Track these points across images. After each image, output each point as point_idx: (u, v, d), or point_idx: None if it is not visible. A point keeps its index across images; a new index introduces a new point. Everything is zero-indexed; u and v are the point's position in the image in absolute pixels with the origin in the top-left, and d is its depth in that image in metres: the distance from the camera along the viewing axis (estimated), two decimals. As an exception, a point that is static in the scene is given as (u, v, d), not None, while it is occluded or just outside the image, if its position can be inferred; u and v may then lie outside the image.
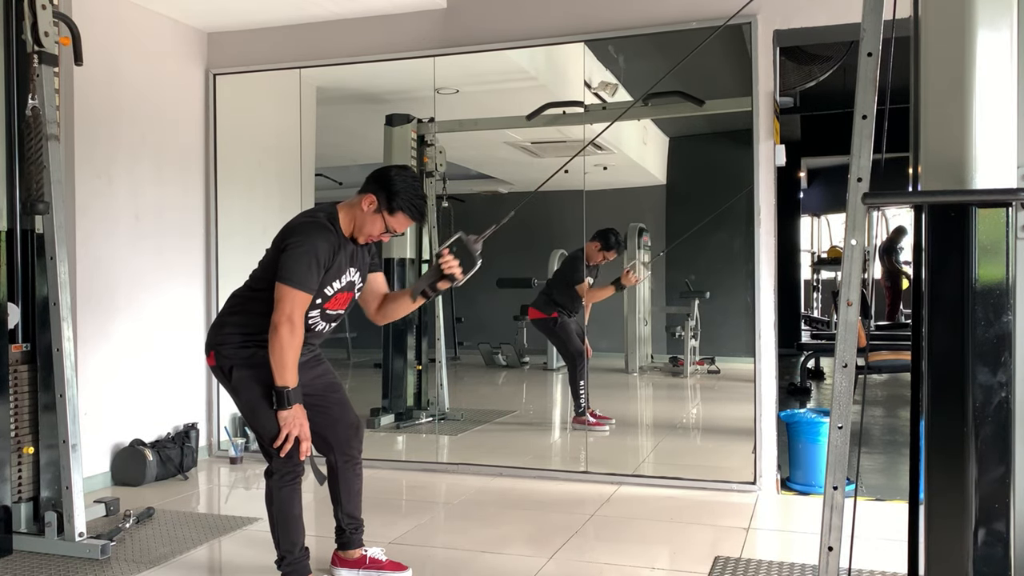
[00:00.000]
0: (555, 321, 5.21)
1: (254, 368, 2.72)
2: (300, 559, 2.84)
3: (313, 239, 2.69)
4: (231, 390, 2.80)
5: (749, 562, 3.13)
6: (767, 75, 4.04)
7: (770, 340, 4.07)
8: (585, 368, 5.07)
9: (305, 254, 2.66)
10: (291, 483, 2.79)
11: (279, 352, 2.61)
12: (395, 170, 2.77)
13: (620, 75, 4.73)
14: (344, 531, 3.06)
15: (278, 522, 2.81)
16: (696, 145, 5.59)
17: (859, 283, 1.95)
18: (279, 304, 2.63)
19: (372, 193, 2.74)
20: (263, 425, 2.74)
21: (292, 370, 2.64)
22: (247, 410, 2.78)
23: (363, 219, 2.75)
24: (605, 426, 5.07)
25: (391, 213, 2.73)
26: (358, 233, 2.78)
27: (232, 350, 2.75)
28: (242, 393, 2.76)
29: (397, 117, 5.44)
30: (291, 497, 2.80)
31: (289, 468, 2.77)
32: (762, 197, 4.06)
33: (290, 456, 2.73)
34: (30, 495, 3.38)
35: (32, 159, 3.38)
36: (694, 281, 5.50)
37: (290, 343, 2.61)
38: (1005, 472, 1.55)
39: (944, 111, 1.61)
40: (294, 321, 2.62)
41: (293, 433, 2.67)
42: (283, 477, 2.78)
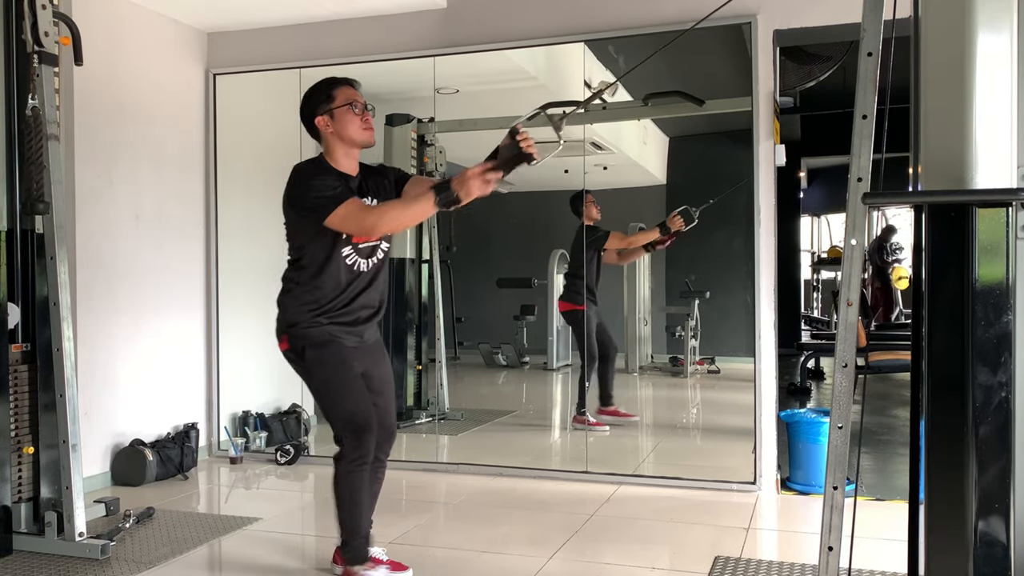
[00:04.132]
0: (582, 314, 5.12)
1: (326, 347, 2.77)
2: (362, 545, 2.85)
3: (307, 174, 2.74)
4: (303, 372, 2.84)
5: (749, 562, 3.13)
6: (767, 75, 4.04)
7: (770, 340, 4.07)
8: (612, 364, 5.06)
9: (313, 186, 2.69)
10: (360, 468, 2.78)
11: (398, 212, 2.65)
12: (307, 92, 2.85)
13: (620, 75, 4.73)
14: None
15: (345, 506, 2.81)
16: (696, 145, 5.59)
17: (859, 283, 1.95)
18: (349, 226, 2.67)
19: (313, 120, 2.80)
20: (337, 405, 2.77)
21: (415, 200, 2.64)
22: (322, 389, 2.81)
23: (339, 133, 2.78)
24: (605, 427, 5.07)
25: (334, 101, 2.77)
26: (351, 143, 2.81)
27: (303, 329, 2.79)
28: (315, 372, 2.79)
29: (397, 117, 5.44)
30: (360, 482, 2.79)
31: (359, 453, 2.77)
32: (762, 197, 4.06)
33: (359, 440, 2.76)
34: (30, 495, 3.38)
35: (32, 159, 3.38)
36: (694, 281, 5.50)
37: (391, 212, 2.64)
38: (1005, 472, 1.55)
39: (944, 111, 1.61)
40: (373, 217, 2.64)
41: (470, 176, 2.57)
42: (352, 461, 2.77)
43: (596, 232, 5.08)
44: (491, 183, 2.60)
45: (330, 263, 2.78)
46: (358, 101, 2.82)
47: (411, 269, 5.60)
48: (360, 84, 2.90)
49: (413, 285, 5.61)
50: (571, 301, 5.20)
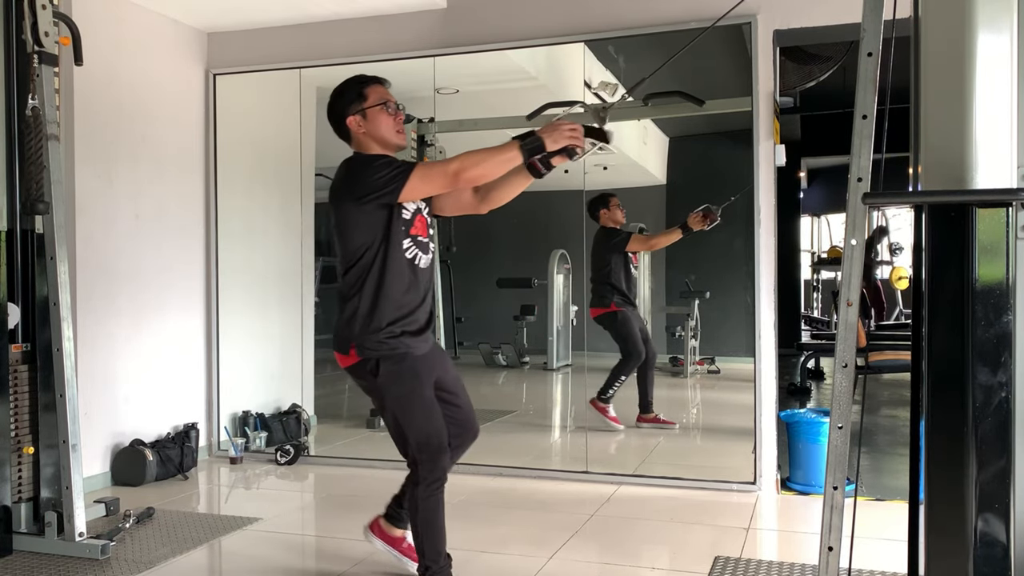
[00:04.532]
0: (615, 315, 5.04)
1: (402, 360, 2.61)
2: (444, 568, 2.72)
3: (364, 161, 2.61)
4: (374, 389, 2.66)
5: (749, 562, 3.13)
6: (767, 75, 4.04)
7: (770, 340, 4.07)
8: (650, 370, 5.02)
9: (376, 168, 2.55)
10: (437, 492, 2.66)
11: (481, 156, 2.48)
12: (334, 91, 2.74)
13: (620, 75, 4.73)
14: (402, 508, 2.91)
15: (423, 531, 2.68)
16: (696, 145, 5.59)
17: (859, 283, 1.95)
18: (434, 183, 2.53)
19: (344, 120, 2.68)
20: (415, 425, 2.62)
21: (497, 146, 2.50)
22: (397, 409, 2.63)
23: (372, 134, 2.67)
24: (620, 427, 5.02)
25: (367, 100, 2.66)
26: (384, 144, 2.68)
27: (376, 341, 2.60)
28: (391, 390, 2.62)
29: (397, 117, 5.43)
30: (437, 506, 2.67)
31: (436, 476, 2.64)
32: (762, 197, 4.06)
33: (435, 463, 2.63)
34: (30, 495, 3.38)
35: (32, 159, 3.38)
36: (694, 281, 5.50)
37: (473, 156, 2.49)
38: (1005, 472, 1.55)
39: (944, 111, 1.61)
40: (455, 164, 2.49)
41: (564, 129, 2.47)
42: (429, 486, 2.65)
43: (616, 235, 5.03)
44: (578, 140, 2.48)
45: (394, 260, 2.61)
46: (391, 100, 2.70)
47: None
48: (390, 83, 2.79)
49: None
50: (599, 305, 5.12)
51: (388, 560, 3.06)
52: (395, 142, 2.70)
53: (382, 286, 2.60)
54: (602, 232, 5.05)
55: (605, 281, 5.09)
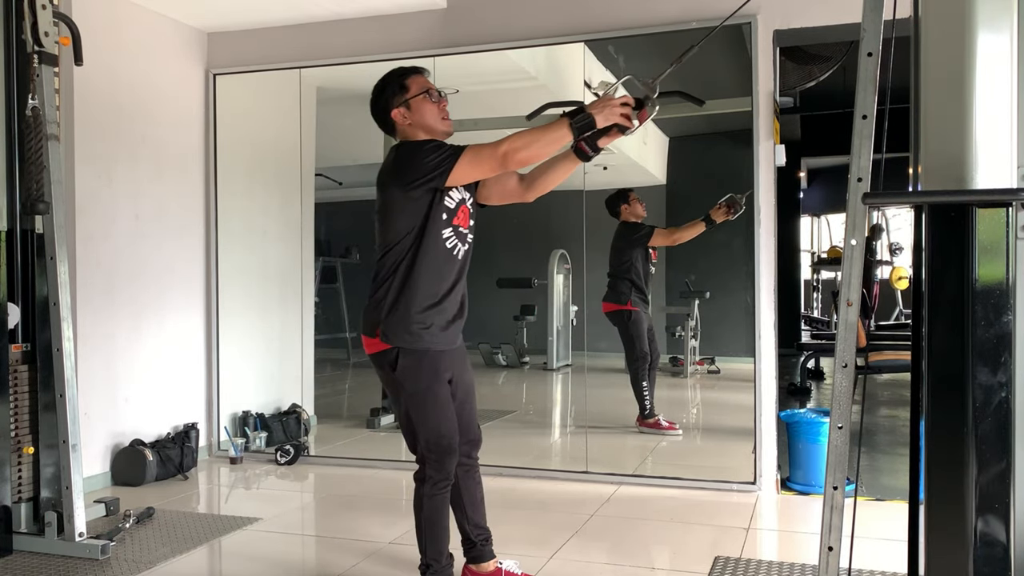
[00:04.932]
0: (629, 314, 5.00)
1: (422, 356, 2.58)
2: (445, 567, 2.72)
3: (416, 146, 2.56)
4: (392, 381, 2.63)
5: (749, 562, 3.13)
6: (767, 75, 4.04)
7: (770, 340, 4.07)
8: (652, 371, 4.98)
9: (427, 151, 2.51)
10: (443, 491, 2.66)
11: (531, 137, 2.41)
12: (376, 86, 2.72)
13: (620, 75, 4.73)
14: (474, 543, 2.87)
15: (426, 530, 2.67)
16: (696, 145, 5.59)
17: (859, 283, 1.95)
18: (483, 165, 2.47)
19: (389, 113, 2.65)
20: (427, 422, 2.60)
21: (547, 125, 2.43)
22: (411, 405, 2.61)
23: (419, 124, 2.63)
24: (678, 429, 5.00)
25: (409, 91, 2.63)
26: (431, 133, 2.64)
27: (403, 328, 2.57)
28: (407, 384, 2.59)
29: (397, 117, 5.43)
30: (442, 505, 2.67)
31: (442, 476, 2.64)
32: (762, 197, 4.06)
33: (442, 463, 2.63)
34: (30, 495, 3.38)
35: (32, 159, 3.38)
36: (694, 281, 5.50)
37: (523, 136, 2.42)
38: (1005, 472, 1.55)
39: (944, 111, 1.61)
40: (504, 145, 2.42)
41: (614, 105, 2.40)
42: (435, 485, 2.64)
43: (640, 229, 5.00)
44: (629, 119, 2.41)
45: (431, 247, 2.57)
46: (433, 88, 2.66)
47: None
48: (429, 71, 2.75)
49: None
50: (613, 301, 5.08)
51: (388, 560, 3.05)
52: (442, 129, 2.66)
53: (415, 272, 2.58)
54: (623, 227, 5.03)
55: (624, 277, 5.04)
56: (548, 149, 2.46)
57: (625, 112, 2.41)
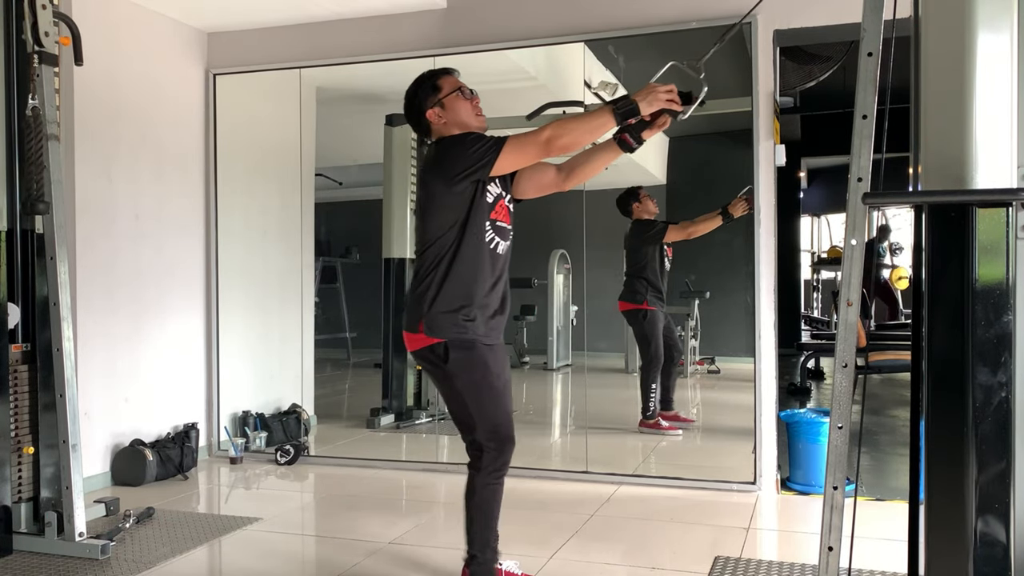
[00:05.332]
0: (645, 313, 4.98)
1: (472, 349, 2.59)
2: (490, 560, 2.71)
3: (458, 138, 2.59)
4: (440, 375, 2.63)
5: (749, 562, 3.13)
6: (767, 75, 4.04)
7: (770, 340, 4.07)
8: (673, 368, 4.98)
9: (469, 143, 2.53)
10: (497, 481, 2.67)
11: (574, 124, 2.44)
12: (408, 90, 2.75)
13: (620, 75, 4.73)
14: None
15: (476, 520, 2.67)
16: (696, 145, 5.59)
17: (859, 283, 1.95)
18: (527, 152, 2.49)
19: (424, 115, 2.67)
20: (485, 412, 2.60)
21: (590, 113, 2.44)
22: (468, 394, 2.60)
23: (453, 122, 2.65)
24: (679, 430, 4.99)
25: (442, 91, 2.66)
26: (465, 129, 2.65)
27: (447, 326, 2.57)
28: (461, 376, 2.59)
29: (397, 117, 5.44)
30: (495, 496, 2.67)
31: (498, 465, 2.65)
32: (762, 197, 4.06)
33: (501, 452, 2.64)
34: (30, 495, 3.38)
35: (32, 159, 3.38)
36: (694, 281, 5.50)
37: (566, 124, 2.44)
38: (1005, 472, 1.55)
39: (944, 111, 1.61)
40: (547, 131, 2.43)
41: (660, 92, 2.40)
42: (491, 474, 2.64)
43: (653, 226, 4.98)
44: (675, 104, 2.41)
45: (472, 242, 2.59)
46: (464, 86, 2.70)
47: (411, 269, 5.60)
48: (459, 72, 2.80)
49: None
50: (629, 300, 5.06)
51: (388, 560, 3.06)
52: (476, 124, 2.67)
53: (457, 267, 2.58)
54: (637, 224, 5.02)
55: (639, 275, 5.02)
56: (590, 136, 2.46)
57: (671, 97, 2.41)
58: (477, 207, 2.59)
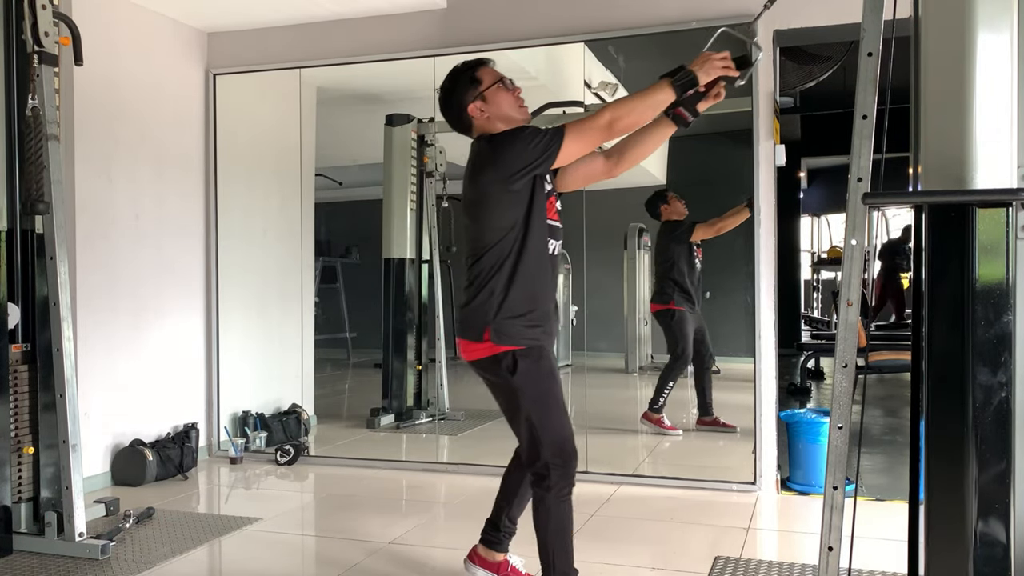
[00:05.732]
0: (672, 314, 4.95)
1: (542, 359, 2.47)
2: None
3: (511, 134, 2.44)
4: (509, 388, 2.48)
5: (749, 562, 3.13)
6: (767, 75, 4.04)
7: (770, 340, 4.07)
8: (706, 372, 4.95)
9: (525, 138, 2.40)
10: (567, 497, 2.50)
11: (634, 103, 2.33)
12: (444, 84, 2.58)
13: (620, 75, 4.73)
14: (500, 531, 2.80)
15: (555, 540, 2.49)
16: (696, 145, 5.58)
17: (859, 283, 1.95)
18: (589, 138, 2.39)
19: (465, 110, 2.52)
20: (551, 427, 2.46)
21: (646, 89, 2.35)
22: (534, 411, 2.46)
23: (496, 116, 2.52)
24: (679, 431, 4.99)
25: (482, 84, 2.51)
26: (510, 122, 2.52)
27: (517, 328, 2.44)
28: (529, 389, 2.45)
29: (397, 117, 5.44)
30: (569, 512, 2.51)
31: (568, 481, 2.49)
32: (762, 197, 4.06)
33: (568, 468, 2.48)
34: (30, 495, 3.38)
35: (32, 159, 3.38)
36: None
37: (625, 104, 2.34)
38: (1005, 472, 1.55)
39: (944, 111, 1.61)
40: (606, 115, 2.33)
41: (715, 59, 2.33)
42: (561, 490, 2.47)
43: (679, 226, 4.96)
44: (731, 70, 2.35)
45: (534, 244, 2.47)
46: (505, 77, 2.55)
47: (411, 269, 5.60)
48: (495, 61, 2.63)
49: (413, 285, 5.62)
50: (659, 301, 5.06)
51: (388, 560, 3.06)
52: (520, 117, 2.55)
53: (522, 269, 2.46)
54: (665, 225, 5.01)
55: (666, 276, 4.99)
56: (652, 112, 2.38)
57: (727, 64, 2.35)
58: (537, 205, 2.47)
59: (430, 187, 5.52)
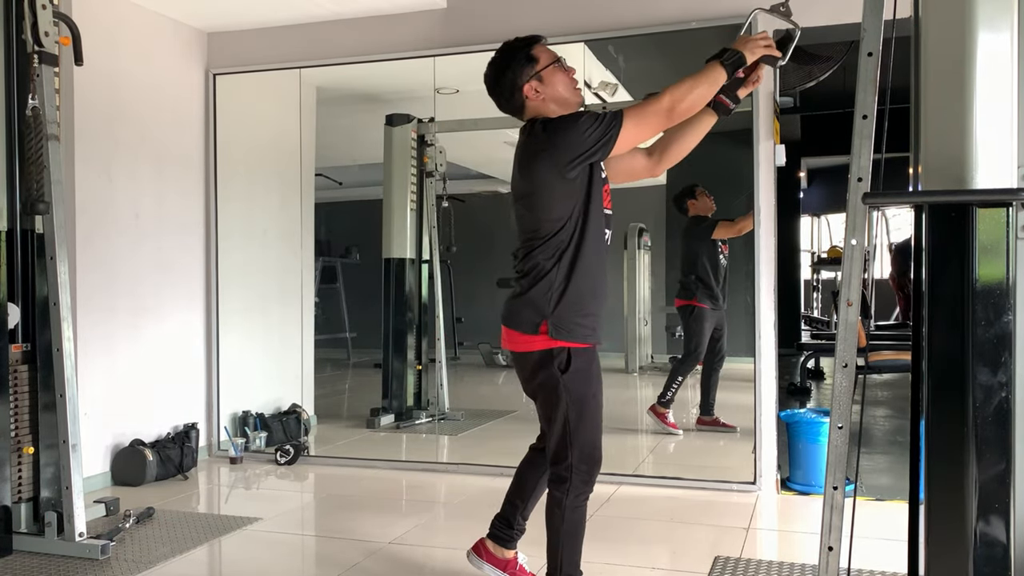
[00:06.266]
0: (692, 310, 4.95)
1: (594, 360, 2.46)
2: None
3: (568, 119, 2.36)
4: (556, 386, 2.44)
5: (749, 562, 3.13)
6: (767, 75, 4.04)
7: (770, 340, 4.07)
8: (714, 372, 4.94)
9: (581, 124, 2.31)
10: (584, 502, 2.52)
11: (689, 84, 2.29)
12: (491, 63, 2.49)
13: (620, 75, 4.73)
14: (512, 528, 2.79)
15: (566, 541, 2.49)
16: (696, 145, 5.58)
17: (859, 283, 1.95)
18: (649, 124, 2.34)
19: (520, 90, 2.43)
20: (585, 431, 2.46)
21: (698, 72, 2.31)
22: (574, 412, 2.44)
23: (553, 97, 2.43)
24: (680, 430, 4.98)
25: (539, 62, 2.41)
26: (567, 106, 2.44)
27: (576, 323, 2.39)
28: (575, 390, 2.42)
29: (397, 117, 5.44)
30: (583, 516, 2.52)
31: (588, 487, 2.51)
32: (762, 197, 4.06)
33: (591, 474, 2.49)
34: (30, 495, 3.38)
35: (32, 159, 3.38)
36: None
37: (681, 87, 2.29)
38: (1005, 472, 1.55)
39: (944, 111, 1.61)
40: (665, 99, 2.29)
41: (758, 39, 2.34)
42: (580, 495, 2.48)
43: (703, 221, 4.94)
44: (773, 50, 2.38)
45: (593, 232, 2.41)
46: (565, 63, 2.46)
47: (411, 269, 5.60)
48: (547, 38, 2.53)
49: (413, 285, 5.62)
50: (682, 296, 5.06)
51: (388, 560, 3.05)
52: (576, 100, 2.46)
53: (582, 263, 2.40)
54: (691, 221, 5.00)
55: (691, 272, 5.00)
56: (709, 92, 2.33)
57: (768, 43, 2.37)
58: (595, 194, 2.39)
59: (430, 187, 5.52)
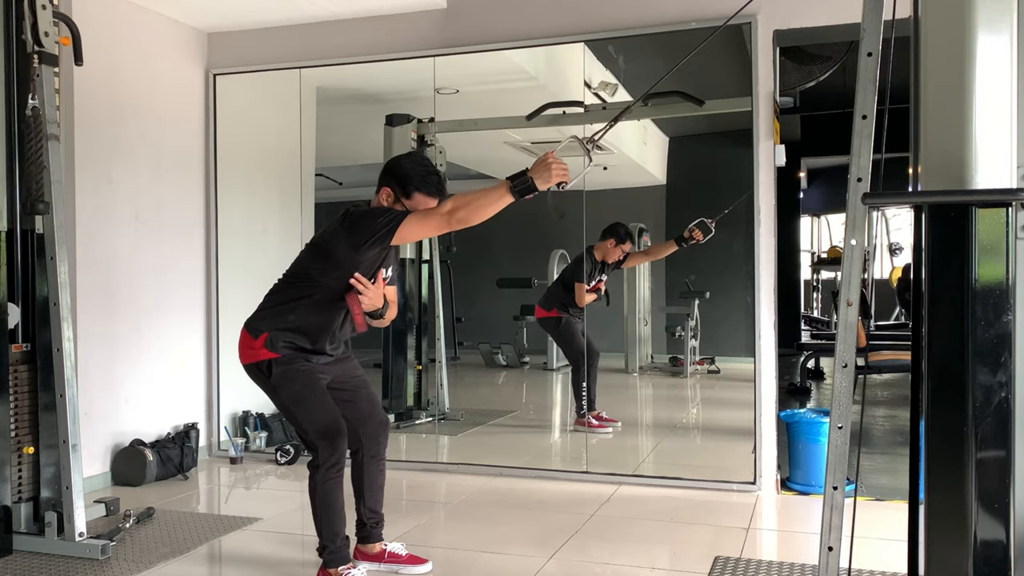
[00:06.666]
0: (558, 320, 5.18)
1: (292, 363, 2.86)
2: (341, 548, 2.91)
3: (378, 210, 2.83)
4: (269, 388, 2.89)
5: (749, 562, 3.13)
6: (767, 75, 4.04)
7: (770, 340, 4.07)
8: (593, 370, 5.02)
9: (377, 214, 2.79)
10: (336, 476, 2.85)
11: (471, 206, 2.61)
12: (402, 157, 2.92)
13: (620, 75, 4.73)
14: (365, 525, 3.09)
15: (321, 514, 2.87)
16: (696, 145, 5.59)
17: (859, 283, 1.95)
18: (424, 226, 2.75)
19: (386, 186, 2.86)
20: (308, 417, 2.84)
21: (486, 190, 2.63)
22: (291, 403, 2.86)
23: None
24: (608, 428, 5.05)
25: (408, 197, 2.83)
26: None
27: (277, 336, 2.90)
28: (282, 390, 2.86)
29: (397, 117, 5.44)
30: (335, 489, 2.86)
31: (334, 460, 2.83)
32: (762, 197, 4.06)
33: (334, 448, 2.82)
34: (30, 495, 3.38)
35: (32, 159, 3.38)
36: (694, 281, 5.50)
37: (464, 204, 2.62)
38: (1005, 472, 1.55)
39: (944, 111, 1.61)
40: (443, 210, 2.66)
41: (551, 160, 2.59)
42: (328, 470, 2.83)
43: (576, 272, 5.15)
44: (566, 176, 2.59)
45: None
46: None
47: (411, 269, 5.60)
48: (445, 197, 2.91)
49: (413, 285, 5.62)
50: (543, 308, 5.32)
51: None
52: None
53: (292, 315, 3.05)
54: (579, 261, 5.17)
55: (555, 292, 5.29)
56: (492, 210, 2.64)
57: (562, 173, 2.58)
58: None
59: (430, 187, 5.51)
